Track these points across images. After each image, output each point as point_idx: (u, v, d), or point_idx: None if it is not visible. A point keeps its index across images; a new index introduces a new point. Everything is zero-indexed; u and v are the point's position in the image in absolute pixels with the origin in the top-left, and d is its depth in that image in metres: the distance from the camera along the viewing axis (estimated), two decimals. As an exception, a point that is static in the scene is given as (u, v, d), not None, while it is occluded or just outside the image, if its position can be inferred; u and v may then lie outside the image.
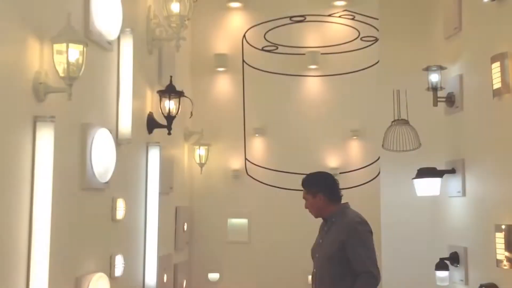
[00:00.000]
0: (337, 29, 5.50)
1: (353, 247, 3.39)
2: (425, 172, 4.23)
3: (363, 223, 3.54)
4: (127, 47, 3.68)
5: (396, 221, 4.73)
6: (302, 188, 3.65)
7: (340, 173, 5.18)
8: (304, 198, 3.66)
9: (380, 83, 4.95)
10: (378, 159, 5.04)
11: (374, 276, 3.34)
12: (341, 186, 5.04)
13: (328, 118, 5.33)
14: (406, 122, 4.62)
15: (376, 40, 5.31)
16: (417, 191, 4.24)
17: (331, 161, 5.25)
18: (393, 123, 4.61)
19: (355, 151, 5.26)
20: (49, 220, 2.55)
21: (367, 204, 5.08)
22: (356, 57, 5.38)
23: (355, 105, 5.31)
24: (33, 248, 2.51)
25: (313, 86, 5.39)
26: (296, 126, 5.36)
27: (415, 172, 4.30)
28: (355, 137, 5.23)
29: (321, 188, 3.59)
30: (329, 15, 5.49)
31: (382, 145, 4.65)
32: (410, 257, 4.63)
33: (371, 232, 3.56)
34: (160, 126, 4.27)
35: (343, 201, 3.68)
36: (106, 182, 3.28)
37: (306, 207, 3.68)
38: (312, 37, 5.47)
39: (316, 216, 3.77)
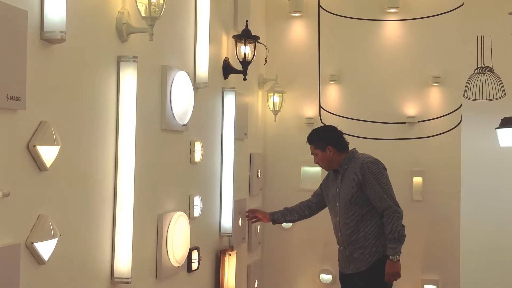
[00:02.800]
0: (418, -31, 5.23)
1: (370, 186, 3.60)
2: (510, 122, 4.07)
3: (375, 161, 3.71)
4: (204, -11, 3.66)
5: (477, 172, 4.59)
6: (310, 144, 3.82)
7: (418, 121, 5.03)
8: (313, 154, 3.83)
9: (463, 28, 4.72)
10: (459, 107, 4.84)
11: (395, 210, 3.57)
12: (419, 135, 5.00)
13: (406, 64, 5.14)
14: (490, 69, 4.43)
15: (461, -18, 5.01)
16: (500, 141, 4.10)
17: (409, 109, 5.09)
18: (476, 70, 4.43)
19: (435, 99, 5.06)
20: (133, 158, 2.63)
21: (447, 154, 4.96)
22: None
23: (435, 51, 5.08)
24: (119, 184, 2.60)
25: (391, 31, 5.19)
26: (373, 73, 5.21)
27: (499, 121, 4.14)
28: (435, 84, 5.02)
29: (329, 140, 3.76)
30: (410, -44, 5.22)
31: (464, 94, 4.48)
32: (492, 210, 4.50)
33: (385, 169, 3.71)
34: (235, 71, 4.27)
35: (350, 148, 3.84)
36: (185, 125, 3.33)
37: (316, 162, 3.86)
38: (392, -21, 5.22)
39: (328, 169, 3.93)
